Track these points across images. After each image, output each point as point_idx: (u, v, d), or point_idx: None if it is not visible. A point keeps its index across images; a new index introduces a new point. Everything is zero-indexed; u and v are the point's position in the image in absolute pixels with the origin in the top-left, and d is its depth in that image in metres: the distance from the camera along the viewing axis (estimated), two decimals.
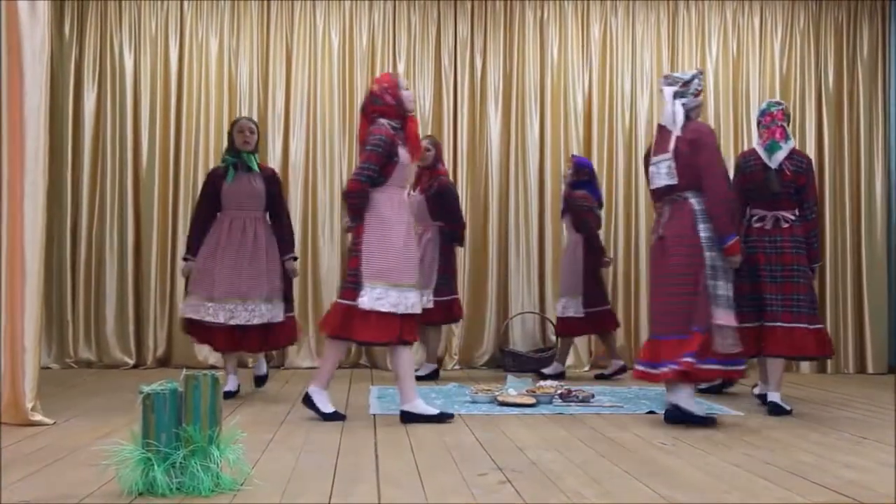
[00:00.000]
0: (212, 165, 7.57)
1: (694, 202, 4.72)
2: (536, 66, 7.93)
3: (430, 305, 6.51)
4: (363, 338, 4.73)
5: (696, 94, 4.87)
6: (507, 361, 7.40)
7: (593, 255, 6.94)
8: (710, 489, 3.23)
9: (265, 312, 5.53)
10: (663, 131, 4.88)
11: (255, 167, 5.70)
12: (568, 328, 6.98)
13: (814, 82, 8.05)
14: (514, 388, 5.63)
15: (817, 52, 8.08)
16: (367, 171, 4.64)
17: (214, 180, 5.72)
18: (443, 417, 4.72)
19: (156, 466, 2.99)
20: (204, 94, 7.64)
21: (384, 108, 4.77)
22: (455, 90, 7.87)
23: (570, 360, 7.63)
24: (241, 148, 5.66)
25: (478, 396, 5.45)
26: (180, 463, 3.01)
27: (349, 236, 5.01)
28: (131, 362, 7.37)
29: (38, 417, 4.43)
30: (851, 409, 5.47)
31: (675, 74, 5.04)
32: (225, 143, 7.51)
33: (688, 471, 3.54)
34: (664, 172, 4.81)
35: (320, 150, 7.69)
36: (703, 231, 4.67)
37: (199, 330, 5.62)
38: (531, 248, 7.80)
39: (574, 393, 5.49)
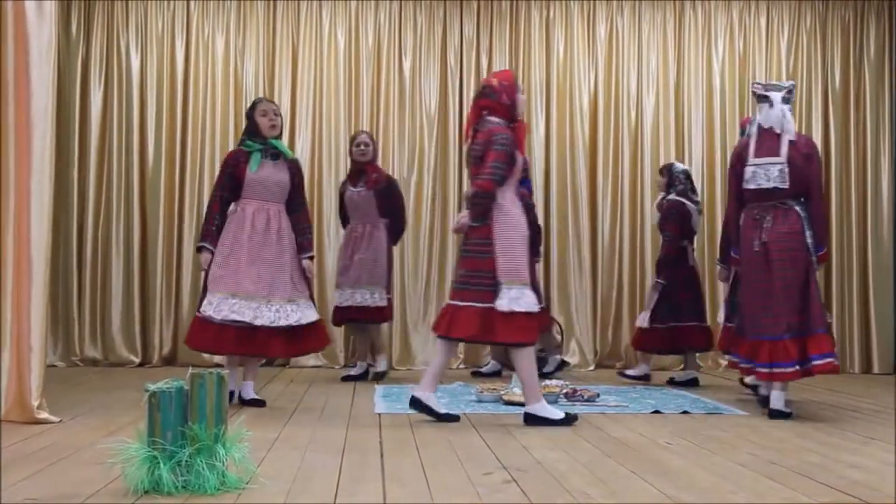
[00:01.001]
0: (218, 165, 7.58)
1: (798, 209, 4.93)
2: (542, 65, 7.93)
3: (384, 303, 6.54)
4: (507, 339, 4.63)
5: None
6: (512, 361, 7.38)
7: (537, 254, 6.83)
8: (715, 489, 3.22)
9: (291, 314, 5.07)
10: (768, 134, 4.97)
11: (289, 154, 5.33)
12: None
13: (820, 82, 8.04)
14: (520, 387, 5.62)
15: (824, 51, 8.07)
16: (499, 170, 4.59)
17: (236, 164, 5.19)
18: (569, 420, 4.62)
19: (161, 465, 2.99)
20: (210, 93, 7.65)
21: (496, 105, 4.70)
22: (461, 90, 7.87)
23: (575, 360, 7.65)
24: (268, 133, 5.18)
25: (483, 395, 5.45)
26: (186, 461, 3.02)
27: (461, 237, 4.90)
28: (137, 361, 7.39)
29: (43, 415, 4.44)
30: (857, 408, 5.46)
31: (774, 82, 5.26)
32: (232, 140, 7.60)
33: (693, 471, 3.54)
34: (775, 175, 4.90)
35: (325, 149, 7.69)
36: (809, 237, 4.91)
37: (206, 337, 5.06)
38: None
39: (579, 392, 5.49)
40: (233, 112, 7.65)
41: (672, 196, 6.61)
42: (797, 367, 4.81)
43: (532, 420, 4.61)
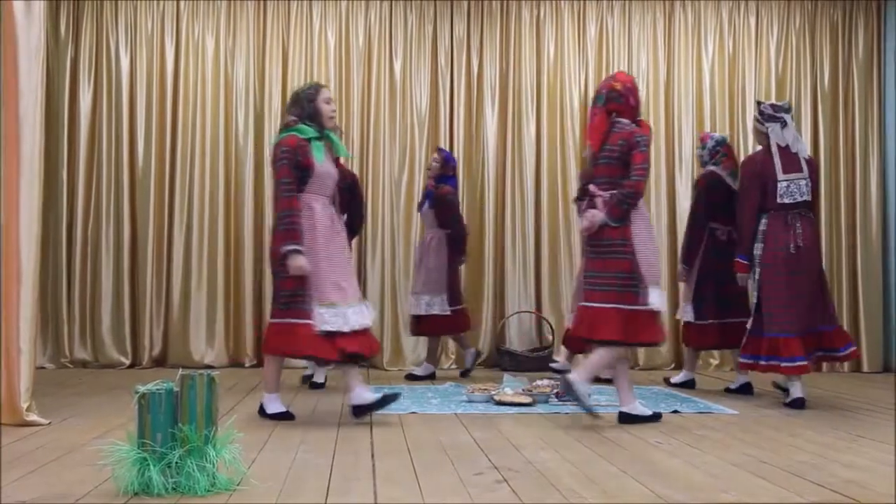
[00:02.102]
0: (208, 165, 7.59)
1: (813, 218, 5.54)
2: (533, 65, 7.93)
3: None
4: (650, 339, 4.69)
5: None
6: (503, 361, 7.41)
7: (458, 253, 6.84)
8: (707, 488, 3.23)
9: (367, 315, 4.72)
10: (786, 151, 5.46)
11: (344, 151, 5.06)
12: (432, 327, 6.74)
13: (809, 82, 8.06)
14: (511, 387, 5.63)
15: (813, 51, 8.09)
16: (647, 171, 4.73)
17: (304, 154, 4.62)
18: (656, 417, 4.76)
19: (152, 466, 2.98)
20: (200, 93, 7.63)
21: (625, 108, 4.81)
22: (451, 89, 7.87)
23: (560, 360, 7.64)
24: (328, 124, 4.78)
25: (474, 396, 5.44)
26: (176, 463, 3.01)
27: (584, 237, 4.88)
28: (127, 362, 7.36)
29: (33, 418, 4.42)
30: (848, 407, 5.48)
31: (777, 103, 5.65)
32: (222, 140, 7.58)
33: (685, 470, 3.54)
34: (805, 189, 5.44)
35: None
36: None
37: (331, 345, 4.56)
38: (528, 247, 7.79)
39: None
40: (223, 112, 7.63)
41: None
42: (819, 357, 5.49)
43: (627, 419, 4.71)
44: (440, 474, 3.41)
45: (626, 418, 4.72)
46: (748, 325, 5.47)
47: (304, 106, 4.72)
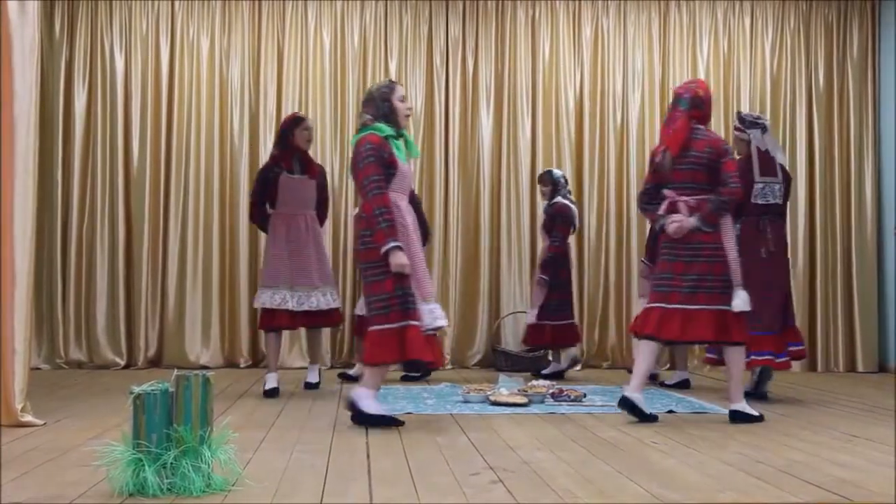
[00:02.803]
0: (203, 166, 7.58)
1: (782, 224, 5.85)
2: (528, 65, 7.94)
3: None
4: (741, 339, 4.82)
5: None
6: (499, 361, 7.41)
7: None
8: (702, 488, 3.23)
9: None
10: (764, 156, 5.73)
11: (416, 151, 5.10)
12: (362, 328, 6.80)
13: (804, 82, 8.08)
14: (506, 387, 5.63)
15: (807, 52, 8.11)
16: (739, 178, 4.91)
17: (389, 151, 4.54)
18: (761, 418, 4.81)
19: (147, 467, 2.97)
20: (195, 94, 7.62)
21: (704, 115, 4.94)
22: (447, 90, 7.87)
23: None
24: (404, 123, 4.71)
25: (470, 396, 5.44)
26: (171, 463, 3.00)
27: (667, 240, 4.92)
28: (122, 363, 7.35)
29: (28, 418, 4.41)
30: (842, 407, 5.49)
31: (754, 114, 6.13)
32: (217, 140, 7.58)
33: (680, 470, 3.55)
34: (778, 193, 5.71)
35: (311, 149, 7.64)
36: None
37: (433, 348, 4.58)
38: (523, 247, 7.79)
39: (566, 392, 5.50)
40: (218, 112, 7.63)
41: (559, 200, 6.87)
42: (786, 355, 5.65)
43: (739, 417, 4.80)
44: (436, 474, 3.41)
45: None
46: None
47: (378, 105, 4.62)
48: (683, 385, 6.40)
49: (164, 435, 3.02)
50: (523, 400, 5.30)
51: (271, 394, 5.64)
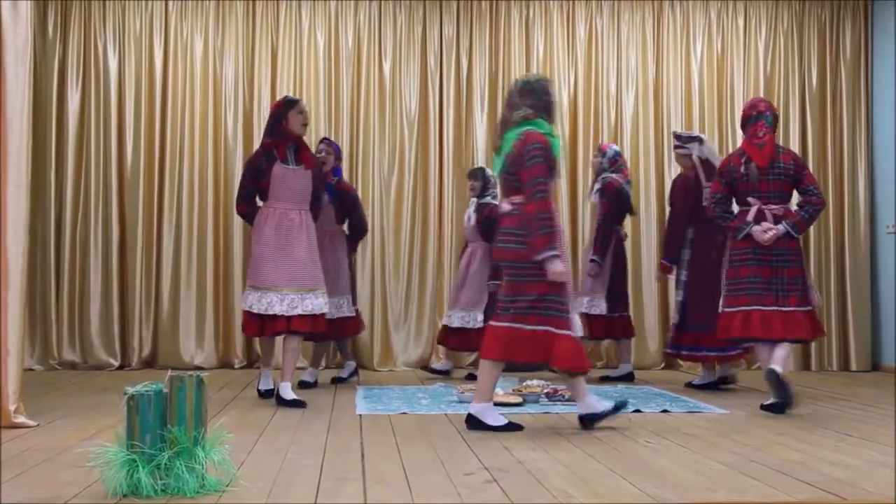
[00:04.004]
0: (197, 166, 7.57)
1: None
2: (522, 65, 7.94)
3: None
4: (813, 335, 5.38)
5: None
6: None
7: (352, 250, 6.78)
8: (696, 487, 3.24)
9: None
10: (708, 164, 6.18)
11: (560, 153, 5.08)
12: (339, 330, 6.60)
13: (797, 82, 8.09)
14: (501, 387, 5.63)
15: (801, 52, 8.12)
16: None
17: (555, 156, 4.49)
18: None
19: (140, 468, 2.97)
20: (189, 94, 7.61)
21: (774, 131, 5.37)
22: (441, 90, 7.87)
23: None
24: (555, 120, 4.65)
25: (464, 396, 5.44)
26: (165, 464, 2.99)
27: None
28: (116, 363, 7.34)
29: (21, 419, 4.40)
30: (836, 406, 5.50)
31: (687, 131, 7.01)
32: (211, 141, 7.57)
33: (674, 469, 3.55)
34: (708, 198, 5.83)
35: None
36: None
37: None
38: None
39: (560, 392, 5.50)
40: (211, 113, 7.62)
41: (488, 200, 6.72)
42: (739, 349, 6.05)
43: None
44: (430, 474, 3.41)
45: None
46: (674, 322, 6.34)
47: (540, 97, 4.44)
48: (628, 378, 6.69)
49: (158, 436, 3.02)
50: (518, 400, 5.30)
51: (266, 395, 5.62)
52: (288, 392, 5.28)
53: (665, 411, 5.16)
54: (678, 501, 3.03)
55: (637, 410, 5.14)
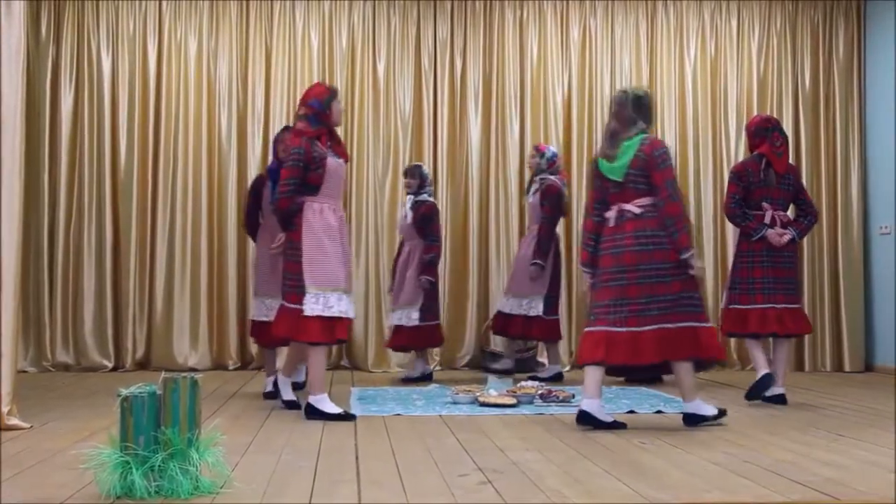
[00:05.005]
0: (191, 167, 7.57)
1: None
2: (516, 66, 7.95)
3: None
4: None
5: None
6: (488, 362, 7.41)
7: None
8: (689, 488, 3.24)
9: None
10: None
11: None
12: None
13: (790, 83, 8.11)
14: (495, 388, 5.63)
15: (794, 53, 8.15)
16: None
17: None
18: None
19: (134, 470, 2.96)
20: (183, 94, 7.60)
21: None
22: (435, 91, 7.87)
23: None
24: None
25: (459, 397, 5.44)
26: (159, 466, 2.99)
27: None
28: (110, 365, 7.32)
29: (14, 421, 4.39)
30: (829, 406, 5.51)
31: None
32: (205, 141, 7.56)
33: (668, 470, 3.56)
34: None
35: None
36: None
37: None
38: (512, 248, 7.79)
39: (554, 393, 5.50)
40: (206, 113, 7.61)
41: (425, 197, 6.77)
42: None
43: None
44: (425, 476, 3.41)
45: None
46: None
47: (648, 112, 4.68)
48: (557, 378, 6.78)
49: (151, 437, 3.01)
50: (512, 401, 5.30)
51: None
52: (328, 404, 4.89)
53: (659, 412, 5.17)
54: (672, 502, 3.03)
55: (631, 411, 5.15)
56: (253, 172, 7.30)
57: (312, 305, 4.71)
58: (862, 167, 8.04)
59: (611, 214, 4.60)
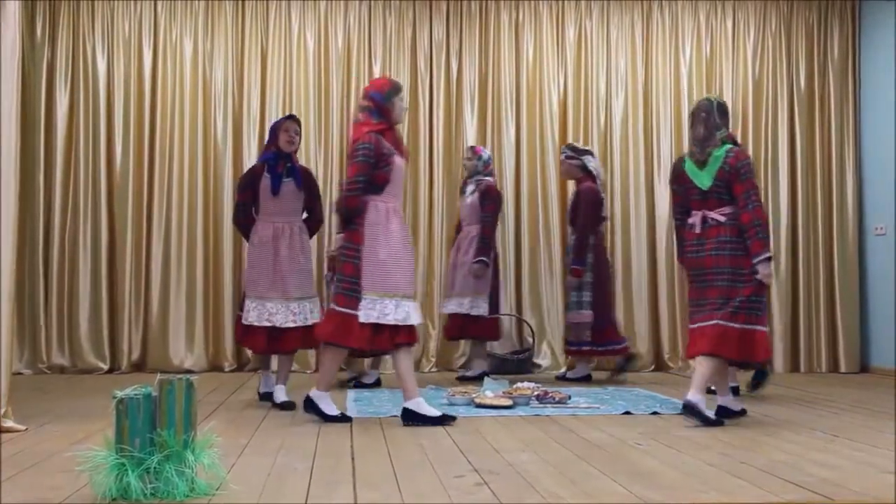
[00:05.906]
0: (187, 169, 7.56)
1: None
2: (512, 67, 7.95)
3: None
4: None
5: None
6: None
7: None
8: (685, 488, 3.25)
9: None
10: (597, 177, 7.00)
11: None
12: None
13: (786, 84, 8.13)
14: (492, 389, 5.64)
15: (789, 53, 8.16)
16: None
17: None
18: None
19: (130, 472, 2.96)
20: (178, 96, 7.60)
21: None
22: (431, 92, 7.87)
23: (547, 362, 7.67)
24: None
25: (455, 398, 5.45)
26: (155, 468, 2.99)
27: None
28: (105, 367, 7.31)
29: (9, 424, 4.38)
30: (824, 407, 5.52)
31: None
32: (200, 143, 7.55)
33: (663, 470, 3.56)
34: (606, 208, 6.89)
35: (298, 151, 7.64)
36: None
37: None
38: (507, 249, 7.80)
39: (550, 394, 5.51)
40: (201, 115, 7.60)
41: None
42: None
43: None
44: (420, 477, 3.42)
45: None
46: (590, 319, 6.78)
47: (728, 119, 4.99)
48: (482, 377, 6.71)
49: (147, 439, 3.01)
50: (508, 402, 5.30)
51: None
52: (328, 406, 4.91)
53: (655, 413, 5.17)
54: (667, 502, 3.04)
55: (627, 412, 5.15)
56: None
57: (368, 311, 4.55)
58: (857, 168, 8.06)
59: (695, 221, 4.88)
